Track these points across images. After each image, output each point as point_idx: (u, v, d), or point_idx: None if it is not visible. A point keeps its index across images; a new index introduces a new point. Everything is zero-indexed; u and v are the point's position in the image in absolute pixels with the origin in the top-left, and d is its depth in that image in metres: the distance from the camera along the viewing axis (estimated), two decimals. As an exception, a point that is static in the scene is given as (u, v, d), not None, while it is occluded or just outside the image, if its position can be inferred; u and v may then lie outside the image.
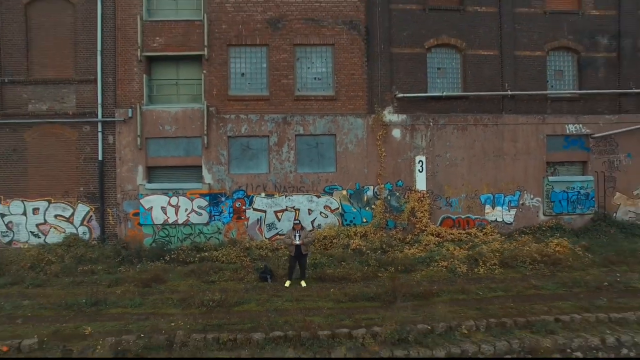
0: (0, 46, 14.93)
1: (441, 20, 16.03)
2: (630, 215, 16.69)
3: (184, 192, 15.03)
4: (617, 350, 7.20)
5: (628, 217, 16.68)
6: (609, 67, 16.73)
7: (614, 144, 16.70)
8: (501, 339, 7.33)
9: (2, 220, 14.85)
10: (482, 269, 11.77)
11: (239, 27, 15.36)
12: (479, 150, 16.03)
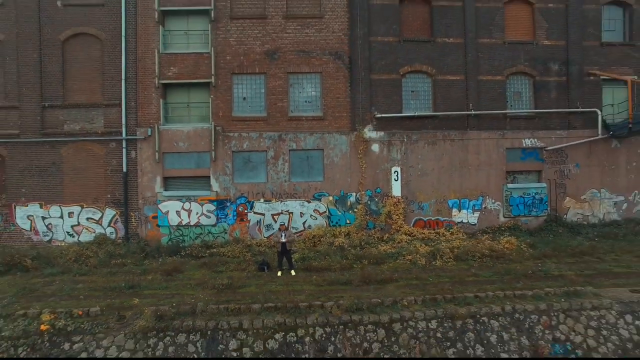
0: (41, 76, 18.02)
1: (414, 50, 19.01)
2: (578, 217, 19.62)
3: (195, 198, 18.09)
4: (510, 313, 10.14)
5: (576, 218, 19.61)
6: (560, 89, 19.66)
7: (565, 155, 19.63)
8: (430, 309, 10.30)
9: (43, 222, 17.95)
10: (439, 262, 14.72)
11: (241, 58, 18.40)
12: (447, 162, 19.00)
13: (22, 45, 17.97)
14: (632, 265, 13.87)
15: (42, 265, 14.67)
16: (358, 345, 9.61)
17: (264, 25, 18.42)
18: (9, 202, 17.95)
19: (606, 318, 10.31)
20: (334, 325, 9.82)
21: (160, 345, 9.52)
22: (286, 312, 10.15)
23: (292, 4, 18.57)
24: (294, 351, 9.48)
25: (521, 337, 9.98)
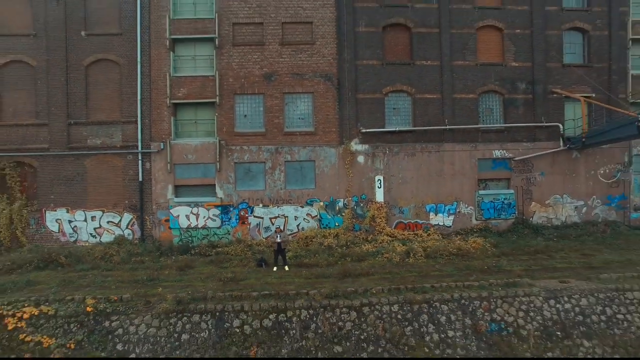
0: (68, 97, 20.84)
1: (396, 72, 21.74)
2: (542, 220, 22.30)
3: (202, 203, 20.88)
4: (457, 300, 12.83)
5: (541, 220, 22.29)
6: (526, 106, 22.34)
7: (530, 165, 22.31)
8: (393, 296, 13.01)
9: (69, 225, 20.78)
10: (411, 259, 17.42)
11: (242, 80, 21.17)
12: (425, 171, 21.72)
13: (51, 70, 20.79)
14: (574, 262, 16.53)
15: (73, 262, 17.46)
16: (334, 324, 12.35)
17: (262, 51, 21.19)
18: (40, 207, 20.79)
19: (534, 302, 13.00)
20: (316, 308, 12.57)
21: (179, 324, 12.30)
22: (278, 298, 12.89)
23: (287, 32, 21.32)
24: (284, 328, 12.24)
25: (465, 318, 12.69)
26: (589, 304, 13.13)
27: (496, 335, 12.51)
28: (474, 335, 12.45)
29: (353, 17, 21.46)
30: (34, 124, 20.85)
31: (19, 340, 11.67)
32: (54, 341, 11.72)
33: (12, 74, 20.86)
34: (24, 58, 20.80)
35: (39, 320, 12.13)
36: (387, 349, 11.99)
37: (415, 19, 21.80)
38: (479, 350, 12.26)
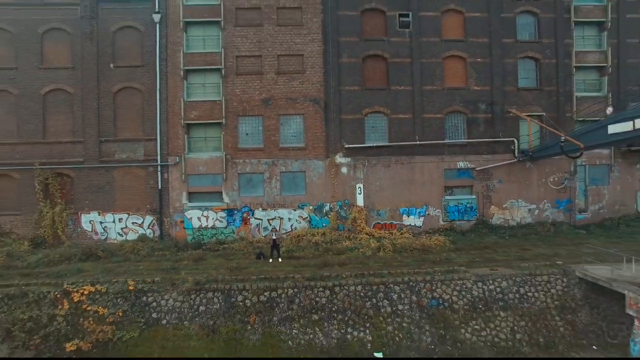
0: (99, 118, 25.50)
1: (374, 96, 26.23)
2: (500, 221, 26.69)
3: (211, 207, 25.48)
4: (407, 282, 17.28)
5: (499, 222, 26.69)
6: (487, 123, 26.73)
7: (490, 174, 26.71)
8: (358, 279, 17.48)
9: (100, 225, 25.46)
10: (381, 253, 21.88)
11: (244, 104, 25.74)
12: (399, 180, 26.18)
13: (85, 96, 25.47)
14: (511, 255, 20.92)
15: (109, 255, 22.12)
16: (313, 299, 16.87)
17: (261, 79, 25.76)
18: (77, 210, 25.48)
19: (466, 284, 17.45)
20: (299, 287, 17.09)
21: (198, 299, 16.87)
22: (271, 280, 17.44)
23: (282, 63, 25.88)
24: (275, 302, 16.78)
25: (412, 296, 17.16)
26: (507, 285, 17.58)
27: (435, 308, 16.99)
28: (418, 309, 16.93)
29: (337, 50, 25.97)
30: (71, 141, 25.54)
31: (82, 309, 16.29)
32: (107, 310, 16.34)
33: (53, 99, 25.57)
34: (63, 86, 25.51)
35: (95, 295, 16.76)
36: (352, 317, 16.51)
37: (391, 50, 26.27)
38: (421, 320, 16.73)
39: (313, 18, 25.94)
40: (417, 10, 26.38)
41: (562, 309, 17.18)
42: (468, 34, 26.78)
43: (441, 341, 16.19)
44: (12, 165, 25.24)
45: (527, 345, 16.18)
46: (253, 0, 25.81)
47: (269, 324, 16.38)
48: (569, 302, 17.31)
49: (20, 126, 25.44)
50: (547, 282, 17.79)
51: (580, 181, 27.36)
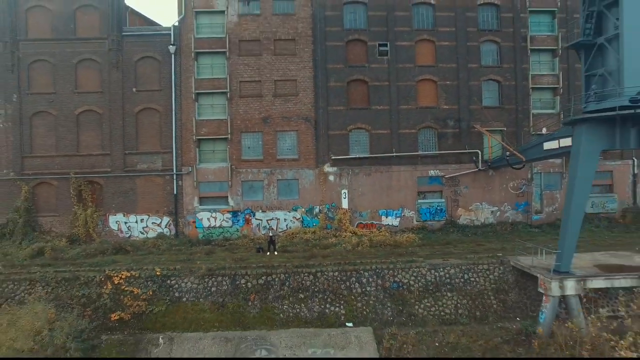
0: (124, 134, 30.75)
1: (357, 115, 31.30)
2: (467, 221, 31.66)
3: (219, 210, 30.68)
4: (374, 269, 22.29)
5: (466, 222, 31.66)
6: (454, 137, 31.71)
7: (457, 180, 31.68)
8: (335, 267, 22.52)
9: (125, 225, 30.73)
10: (360, 248, 26.93)
11: (246, 122, 30.91)
12: (378, 186, 31.23)
13: (112, 116, 30.76)
14: (467, 249, 25.88)
15: (134, 249, 27.36)
16: (300, 282, 21.96)
17: (261, 101, 30.93)
18: (105, 212, 30.78)
19: (421, 271, 22.45)
20: (289, 273, 22.20)
21: (210, 281, 22.02)
22: (267, 268, 22.56)
23: (278, 87, 31.03)
24: (270, 284, 21.89)
25: (378, 280, 22.20)
26: (455, 272, 22.59)
27: (395, 290, 22.05)
28: (382, 290, 22.00)
29: (326, 75, 31.08)
30: (100, 154, 30.85)
31: (121, 289, 21.49)
32: (140, 290, 21.52)
33: (85, 119, 30.90)
34: (94, 108, 30.83)
35: (130, 279, 21.97)
36: (329, 295, 21.61)
37: (371, 75, 31.34)
38: (384, 299, 21.77)
39: (305, 48, 31.08)
40: (394, 41, 31.43)
41: (497, 291, 22.18)
42: (438, 60, 31.77)
43: (399, 315, 21.27)
44: (52, 175, 30.61)
45: (466, 318, 21.19)
46: (253, 34, 30.99)
47: (265, 301, 21.54)
48: (502, 285, 22.31)
49: (58, 141, 30.81)
50: (487, 269, 22.78)
51: (536, 187, 32.29)
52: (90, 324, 19.71)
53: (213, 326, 20.66)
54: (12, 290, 21.69)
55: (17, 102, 30.60)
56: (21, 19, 30.62)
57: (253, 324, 20.79)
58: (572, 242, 19.94)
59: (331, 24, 31.21)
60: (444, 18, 31.81)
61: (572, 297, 19.64)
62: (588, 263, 21.91)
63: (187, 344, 19.68)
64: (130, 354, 19.46)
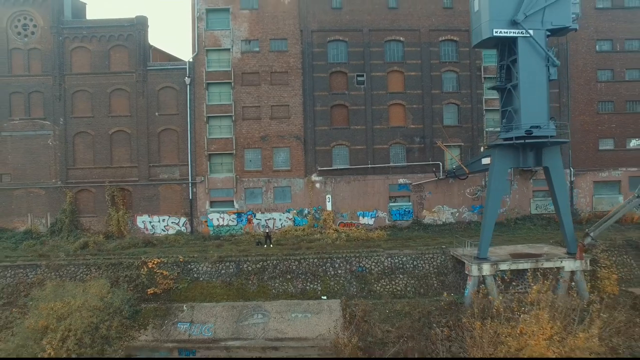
0: (148, 150, 38.90)
1: (339, 133, 39.17)
2: (430, 221, 39.37)
3: (226, 211, 38.74)
4: (345, 257, 30.03)
5: (430, 221, 39.38)
6: (420, 151, 39.44)
7: (422, 187, 39.43)
8: (315, 255, 30.32)
9: (150, 224, 38.88)
10: (338, 242, 34.71)
11: (248, 140, 38.95)
12: (356, 192, 39.09)
13: (139, 135, 38.91)
14: (423, 243, 33.53)
15: (159, 243, 35.49)
16: (287, 266, 29.86)
17: (260, 123, 38.92)
18: (133, 214, 38.96)
19: (380, 259, 30.24)
20: (280, 260, 30.12)
21: (220, 265, 30.01)
22: (264, 256, 30.52)
23: (274, 111, 39.00)
24: (265, 268, 29.79)
25: (346, 265, 30.03)
26: (406, 259, 30.34)
27: (359, 273, 29.84)
28: (349, 273, 29.81)
29: (313, 101, 38.96)
30: (129, 166, 39.03)
31: (154, 271, 29.52)
32: (168, 272, 29.52)
33: (117, 137, 39.08)
34: (124, 128, 39.02)
35: (160, 264, 30.00)
36: (309, 276, 29.49)
37: (351, 101, 39.17)
38: (351, 279, 29.57)
39: (295, 79, 39.01)
40: (369, 72, 39.24)
41: (438, 273, 29.91)
42: (407, 88, 39.53)
43: (361, 291, 29.07)
44: (91, 183, 38.87)
45: (412, 293, 28.94)
46: (254, 67, 38.98)
47: (262, 280, 29.50)
48: (442, 269, 30.04)
49: (95, 156, 39.05)
50: (432, 257, 30.52)
51: (489, 192, 39.79)
52: (134, 296, 27.78)
53: (223, 298, 28.64)
54: (74, 272, 29.88)
55: (63, 125, 38.89)
56: (67, 57, 38.91)
57: (252, 297, 28.75)
58: (488, 236, 27.68)
59: (317, 59, 39.10)
60: (411, 52, 39.55)
61: (488, 276, 27.32)
62: (506, 252, 29.62)
63: (204, 310, 27.69)
64: (162, 317, 27.44)
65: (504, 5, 26.39)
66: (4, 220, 38.61)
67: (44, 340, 21.83)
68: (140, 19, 39.06)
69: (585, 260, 27.90)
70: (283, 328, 26.46)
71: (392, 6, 39.50)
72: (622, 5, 40.70)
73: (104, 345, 23.44)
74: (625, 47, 40.74)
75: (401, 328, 25.53)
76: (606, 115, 40.73)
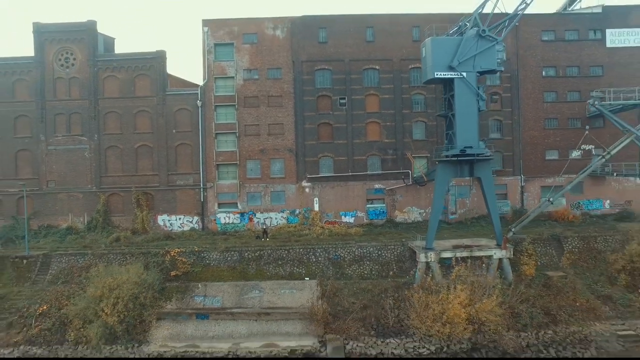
0: (167, 160, 48.52)
1: (325, 147, 48.50)
2: (402, 220, 48.54)
3: (231, 212, 48.28)
4: (324, 247, 39.22)
5: (401, 220, 48.53)
6: (393, 162, 48.68)
7: (395, 191, 48.66)
8: (300, 246, 39.59)
9: (168, 222, 48.51)
10: (322, 236, 44.02)
11: (249, 152, 48.52)
12: (339, 195, 48.45)
13: (159, 148, 48.54)
14: (391, 237, 42.67)
15: (177, 238, 45.08)
16: (279, 254, 39.20)
17: (259, 138, 48.40)
18: (155, 214, 48.67)
19: (352, 248, 39.43)
20: (273, 250, 39.49)
21: (227, 254, 39.45)
22: (261, 246, 39.94)
23: (271, 128, 48.47)
24: (262, 255, 39.15)
25: (325, 254, 39.29)
26: (373, 249, 39.55)
27: (334, 260, 39.11)
28: (327, 260, 39.10)
29: (303, 120, 48.32)
30: (151, 174, 48.70)
31: (175, 258, 38.97)
32: (186, 259, 38.93)
33: (141, 150, 48.78)
34: (147, 143, 48.73)
35: (180, 253, 39.44)
36: (296, 262, 38.85)
37: (334, 119, 48.47)
38: (328, 265, 38.83)
39: (288, 102, 48.38)
40: (350, 95, 48.49)
41: (397, 261, 39.07)
42: (382, 108, 48.69)
43: (336, 274, 38.29)
44: (119, 188, 48.63)
45: (376, 276, 38.08)
46: (254, 92, 48.43)
47: (259, 265, 38.90)
48: (401, 258, 39.19)
49: (123, 166, 48.77)
50: (394, 248, 39.68)
51: (452, 195, 48.92)
52: (160, 277, 37.23)
53: (228, 279, 38.06)
54: (113, 259, 39.45)
55: (97, 140, 48.64)
56: (100, 84, 48.66)
57: (251, 278, 38.11)
58: (433, 230, 36.77)
59: (306, 85, 48.43)
60: (385, 78, 48.70)
61: (432, 262, 36.38)
62: (451, 244, 38.72)
63: (214, 287, 37.10)
64: (183, 293, 36.83)
65: (443, 54, 35.43)
66: (51, 218, 48.52)
67: (101, 304, 31.40)
68: (160, 53, 48.70)
69: (509, 250, 36.90)
70: (274, 300, 35.81)
71: (369, 40, 48.72)
72: (563, 38, 49.54)
73: (142, 310, 32.97)
74: (566, 73, 49.61)
75: (363, 300, 34.73)
76: (551, 131, 49.60)
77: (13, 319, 33.67)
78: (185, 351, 31.35)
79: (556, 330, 32.06)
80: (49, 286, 37.06)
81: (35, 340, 32.07)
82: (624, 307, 34.24)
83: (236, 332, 33.15)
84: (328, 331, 32.48)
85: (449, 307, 30.73)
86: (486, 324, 30.61)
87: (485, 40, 35.50)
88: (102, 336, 30.91)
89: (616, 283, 35.98)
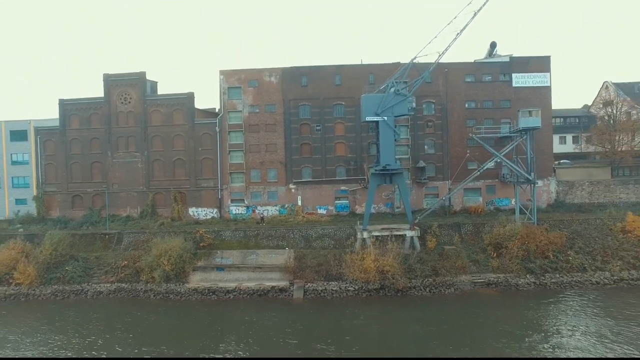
0: (195, 169, 74.31)
1: (306, 160, 73.90)
2: (360, 212, 73.05)
3: (240, 206, 73.96)
4: (300, 228, 63.81)
5: (360, 212, 73.04)
6: (354, 170, 73.60)
7: (356, 192, 73.62)
8: (288, 229, 64.35)
9: (196, 212, 74.38)
10: (301, 223, 68.92)
11: (253, 164, 74.55)
12: (317, 195, 73.67)
13: (190, 161, 74.51)
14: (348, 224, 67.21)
15: (203, 223, 70.85)
16: (271, 233, 64.25)
17: (259, 154, 74.12)
18: (186, 207, 74.81)
19: (318, 230, 64.16)
20: (267, 230, 64.69)
21: (236, 233, 64.80)
22: (259, 228, 65.22)
23: (267, 147, 74.09)
24: (260, 234, 64.27)
25: (300, 233, 64.19)
26: (332, 230, 64.32)
27: (306, 236, 63.90)
28: (301, 236, 64.06)
29: (290, 141, 73.44)
30: (184, 179, 74.79)
31: (203, 235, 64.41)
32: (210, 236, 64.39)
33: (177, 162, 74.83)
34: (181, 157, 74.88)
35: (205, 232, 64.97)
36: (280, 238, 63.96)
37: (312, 140, 73.56)
38: (301, 239, 63.69)
39: (280, 128, 73.60)
40: (324, 123, 73.28)
41: (346, 238, 63.63)
42: (346, 132, 73.28)
43: (306, 246, 63.10)
44: (162, 189, 74.86)
45: (333, 247, 62.68)
46: (256, 121, 73.78)
47: (257, 240, 64.21)
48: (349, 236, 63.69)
49: (165, 173, 75.02)
50: (345, 230, 64.36)
51: (397, 194, 72.99)
52: (194, 246, 62.63)
53: (237, 248, 63.37)
54: (163, 235, 64.97)
55: (147, 155, 74.78)
56: (149, 116, 74.83)
57: (251, 247, 63.29)
58: (367, 217, 61.20)
59: (293, 116, 73.39)
60: (349, 111, 73.19)
61: (367, 239, 60.75)
62: (381, 227, 62.96)
63: (227, 253, 62.42)
64: (207, 256, 62.20)
65: (371, 105, 59.73)
66: (115, 209, 74.96)
67: (161, 259, 56.99)
68: (189, 94, 74.49)
69: (417, 231, 60.95)
70: (265, 260, 60.91)
71: (337, 83, 73.27)
72: (481, 80, 73.03)
73: (184, 264, 58.50)
74: (483, 105, 73.09)
75: (319, 260, 59.38)
76: (472, 148, 73.03)
77: (107, 269, 59.98)
78: (210, 287, 56.90)
79: (436, 279, 56.28)
80: (124, 251, 63.31)
81: (122, 280, 58.24)
82: (484, 266, 58.11)
83: (240, 278, 58.62)
84: (296, 278, 57.49)
85: (365, 262, 55.19)
86: (388, 272, 54.92)
87: (400, 95, 59.60)
88: (162, 277, 56.65)
89: (485, 252, 59.79)
